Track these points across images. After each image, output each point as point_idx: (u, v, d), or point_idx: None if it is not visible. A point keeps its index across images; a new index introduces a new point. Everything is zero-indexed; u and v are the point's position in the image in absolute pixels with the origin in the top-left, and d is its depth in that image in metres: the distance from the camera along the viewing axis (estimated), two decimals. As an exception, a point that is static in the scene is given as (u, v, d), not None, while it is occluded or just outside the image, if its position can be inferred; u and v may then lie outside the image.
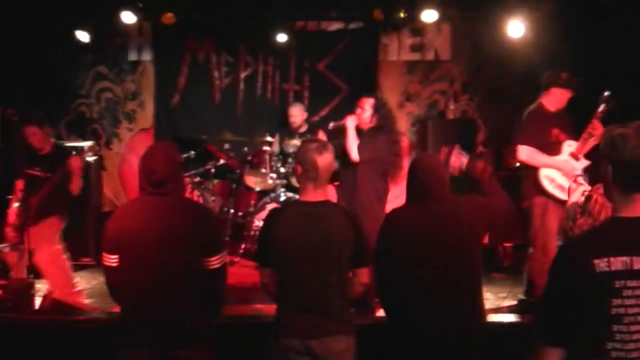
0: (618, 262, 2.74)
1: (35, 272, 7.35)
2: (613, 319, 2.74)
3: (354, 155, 6.84)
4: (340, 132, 7.05)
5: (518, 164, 7.76)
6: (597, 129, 6.62)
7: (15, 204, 6.81)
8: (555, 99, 6.92)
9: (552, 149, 6.85)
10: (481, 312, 4.47)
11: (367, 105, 6.94)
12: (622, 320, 2.74)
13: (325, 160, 4.24)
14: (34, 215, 6.96)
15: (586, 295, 2.77)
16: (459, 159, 5.36)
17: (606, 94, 6.66)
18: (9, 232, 6.91)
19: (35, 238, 6.93)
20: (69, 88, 10.53)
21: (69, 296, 6.93)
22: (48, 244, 7.01)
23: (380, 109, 6.97)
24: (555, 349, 2.88)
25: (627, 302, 2.74)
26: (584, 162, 6.80)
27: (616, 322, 2.74)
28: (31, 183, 7.02)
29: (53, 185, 6.96)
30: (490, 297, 7.23)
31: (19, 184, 6.90)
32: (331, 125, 7.34)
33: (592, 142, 6.72)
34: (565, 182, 6.62)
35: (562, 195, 6.59)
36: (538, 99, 7.03)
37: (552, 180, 6.78)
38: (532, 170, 6.86)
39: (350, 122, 6.90)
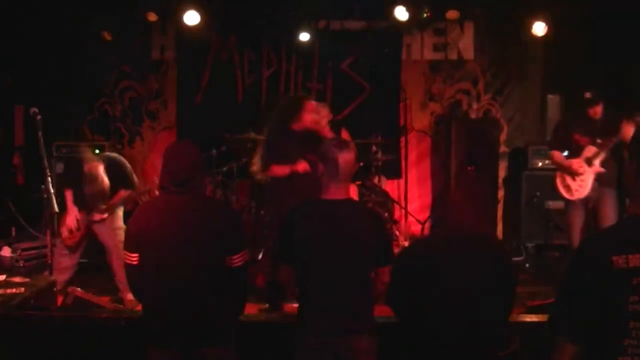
0: (636, 259, 2.74)
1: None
2: (630, 315, 2.73)
3: None
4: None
5: (540, 164, 8.15)
6: (627, 132, 6.78)
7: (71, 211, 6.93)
8: (584, 110, 7.29)
9: (574, 151, 7.30)
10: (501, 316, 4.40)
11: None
12: (639, 317, 2.72)
13: (346, 157, 4.23)
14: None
15: (604, 292, 2.77)
16: None
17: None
18: (67, 237, 7.00)
19: (102, 231, 7.23)
20: (92, 87, 10.58)
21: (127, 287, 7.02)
22: (118, 234, 7.15)
23: None
24: (573, 344, 2.87)
25: None
26: (598, 168, 7.14)
27: (633, 319, 2.73)
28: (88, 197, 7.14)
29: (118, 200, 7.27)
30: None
31: (69, 195, 7.02)
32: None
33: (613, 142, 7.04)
34: (572, 183, 7.24)
35: (567, 195, 7.29)
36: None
37: (563, 179, 7.34)
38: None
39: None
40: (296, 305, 4.42)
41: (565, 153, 7.46)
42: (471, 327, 4.07)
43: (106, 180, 7.10)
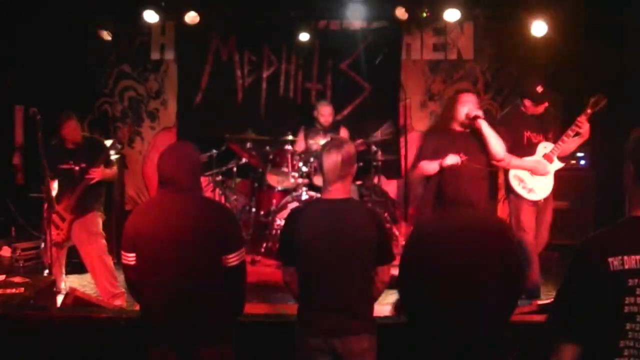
0: (632, 261, 2.75)
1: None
2: (626, 317, 2.75)
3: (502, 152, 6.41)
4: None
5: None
6: (583, 125, 6.71)
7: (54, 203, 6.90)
8: (527, 107, 7.02)
9: (526, 150, 6.94)
10: (505, 314, 4.40)
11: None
12: (635, 318, 2.74)
13: (331, 159, 4.24)
14: (75, 209, 7.08)
15: (600, 293, 2.78)
16: None
17: (596, 95, 6.69)
18: (55, 234, 6.99)
19: (79, 234, 7.08)
20: (92, 87, 10.58)
21: (110, 294, 7.00)
22: (93, 239, 7.12)
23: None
24: (571, 345, 2.88)
25: None
26: (558, 164, 6.94)
27: (629, 320, 2.75)
28: (66, 178, 7.12)
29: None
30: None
31: (52, 184, 7.00)
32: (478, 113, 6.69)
33: (577, 141, 6.92)
34: (534, 183, 6.89)
35: (530, 196, 6.89)
36: (516, 101, 7.19)
37: (521, 181, 6.92)
38: (505, 171, 6.99)
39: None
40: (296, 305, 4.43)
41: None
42: (474, 322, 4.08)
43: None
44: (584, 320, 2.83)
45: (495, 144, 6.36)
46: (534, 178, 6.92)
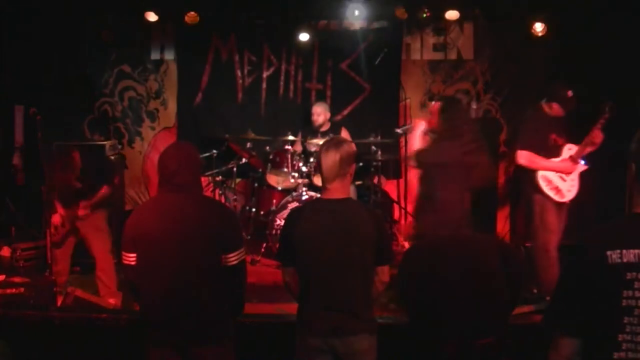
0: (630, 255, 2.77)
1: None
2: (624, 310, 2.76)
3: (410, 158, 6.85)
4: None
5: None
6: (597, 137, 6.88)
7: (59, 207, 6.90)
8: (555, 110, 7.02)
9: (552, 152, 6.99)
10: (505, 315, 4.41)
11: (434, 110, 6.73)
12: (632, 312, 2.76)
13: (329, 158, 4.24)
14: (76, 220, 7.12)
15: (598, 287, 2.80)
16: None
17: (609, 103, 6.82)
18: (55, 232, 6.99)
19: (85, 230, 7.13)
20: (93, 87, 10.57)
21: (108, 291, 7.01)
22: (98, 235, 7.13)
23: (443, 113, 6.63)
24: (569, 339, 2.89)
25: (638, 294, 2.76)
26: (582, 167, 7.02)
27: (627, 314, 2.76)
28: (70, 192, 7.13)
29: (101, 197, 7.16)
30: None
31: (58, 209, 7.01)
32: (399, 130, 7.04)
33: (590, 149, 7.00)
34: (561, 184, 6.93)
35: (557, 197, 6.91)
36: (540, 104, 7.17)
37: (549, 182, 6.94)
38: (530, 171, 6.98)
39: (419, 125, 6.82)
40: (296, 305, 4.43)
41: None
42: (475, 323, 4.08)
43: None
44: (582, 313, 2.84)
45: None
46: (561, 179, 6.98)
